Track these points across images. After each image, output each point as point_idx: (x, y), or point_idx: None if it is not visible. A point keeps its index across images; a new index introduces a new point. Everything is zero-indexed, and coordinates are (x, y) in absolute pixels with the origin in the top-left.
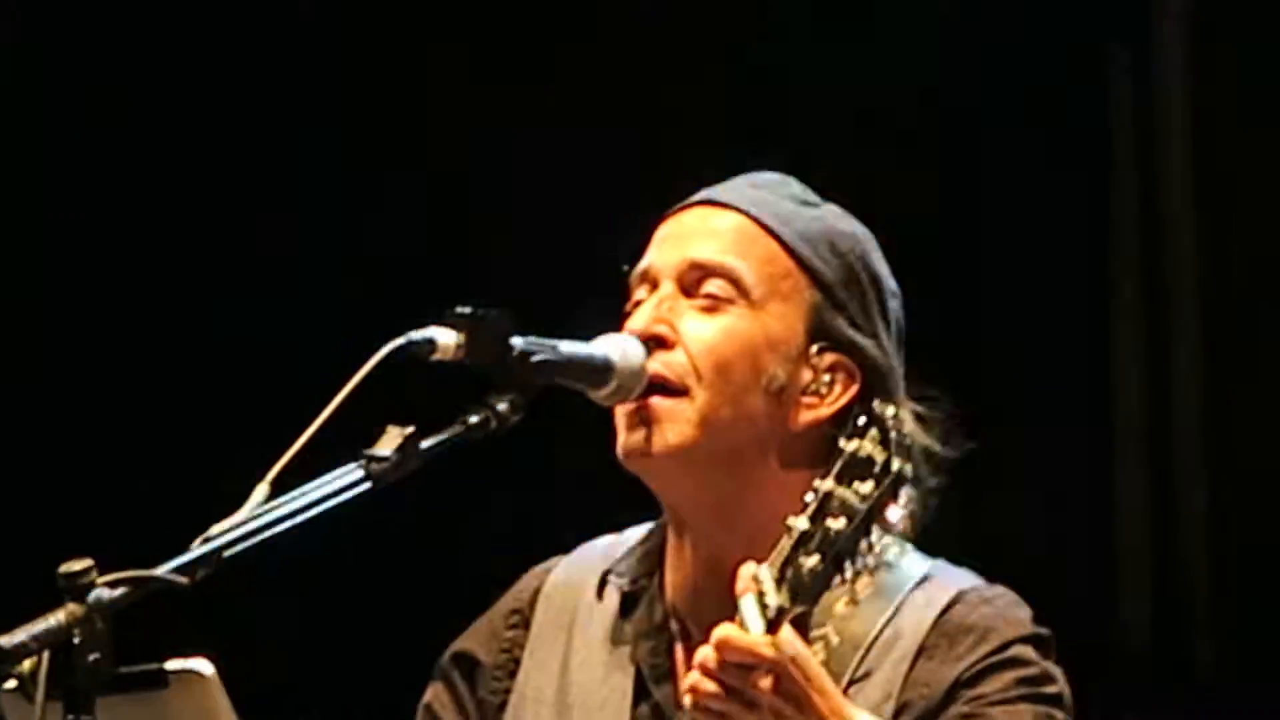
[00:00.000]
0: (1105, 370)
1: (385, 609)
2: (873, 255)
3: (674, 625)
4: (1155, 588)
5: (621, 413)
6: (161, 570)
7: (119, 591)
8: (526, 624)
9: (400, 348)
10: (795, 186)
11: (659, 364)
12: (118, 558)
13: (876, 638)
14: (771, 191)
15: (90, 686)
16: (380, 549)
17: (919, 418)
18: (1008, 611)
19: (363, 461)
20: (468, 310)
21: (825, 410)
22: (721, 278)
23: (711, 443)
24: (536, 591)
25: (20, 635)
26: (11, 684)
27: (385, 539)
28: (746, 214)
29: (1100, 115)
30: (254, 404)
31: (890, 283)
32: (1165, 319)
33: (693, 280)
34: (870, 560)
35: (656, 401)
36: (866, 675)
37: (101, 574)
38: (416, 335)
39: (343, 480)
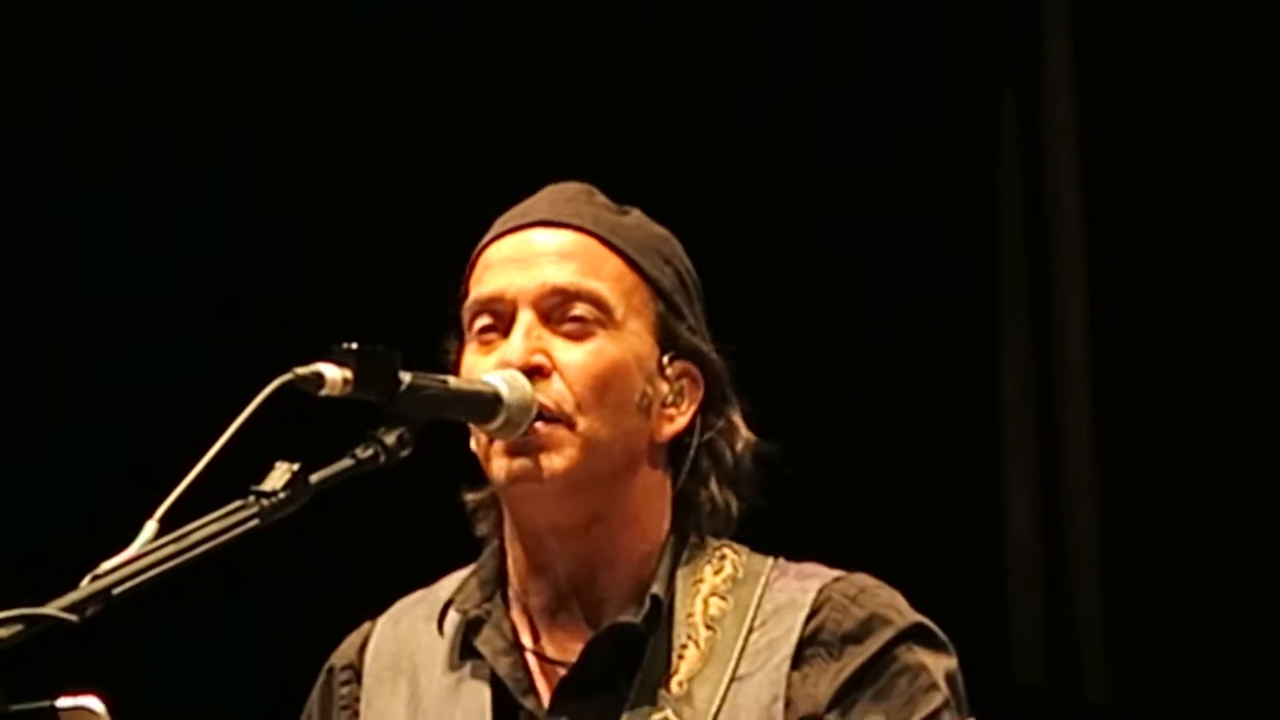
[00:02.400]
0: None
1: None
2: (681, 252)
3: (526, 642)
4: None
5: (500, 442)
6: (50, 608)
7: (8, 630)
8: (359, 677)
9: (287, 383)
10: (599, 195)
11: (540, 394)
12: (5, 595)
13: (747, 637)
14: (590, 203)
15: None
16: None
17: (743, 415)
18: (879, 608)
19: (251, 498)
20: (354, 346)
21: (682, 420)
22: (585, 301)
23: (594, 465)
24: (363, 646)
25: None
26: None
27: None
28: (588, 232)
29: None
30: (140, 440)
31: (690, 268)
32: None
33: (553, 306)
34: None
35: (542, 428)
36: (747, 675)
37: None
38: (303, 370)
39: (232, 517)
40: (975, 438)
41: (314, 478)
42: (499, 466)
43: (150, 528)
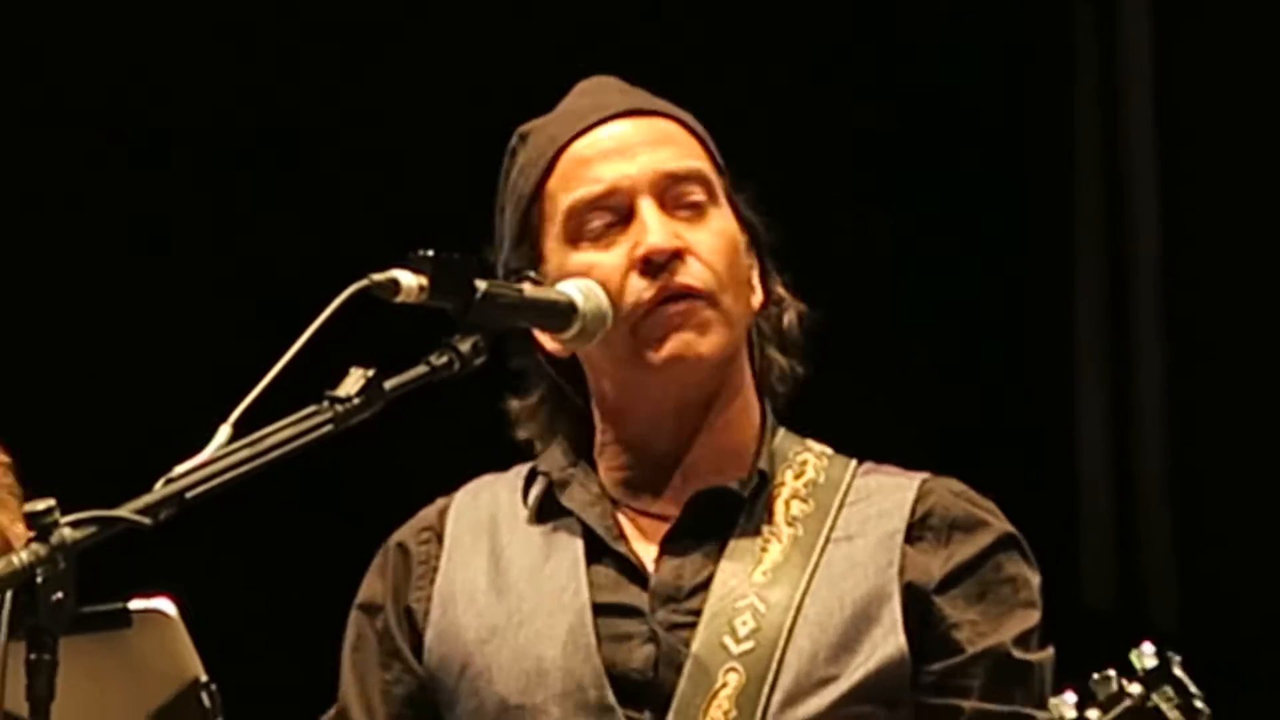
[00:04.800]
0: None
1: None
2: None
3: (618, 498)
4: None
5: (660, 317)
6: (125, 510)
7: (82, 531)
8: (439, 538)
9: (362, 289)
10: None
11: (688, 277)
12: (81, 497)
13: (844, 501)
14: (644, 91)
15: (53, 626)
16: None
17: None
18: (981, 508)
19: (326, 403)
20: (431, 253)
21: (760, 292)
22: (695, 182)
23: (733, 341)
24: (443, 510)
25: None
26: None
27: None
28: (668, 116)
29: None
30: (217, 345)
31: None
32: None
33: (667, 189)
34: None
35: (694, 308)
36: (849, 537)
37: (65, 513)
38: (379, 277)
39: (306, 422)
40: (1049, 357)
41: (389, 384)
42: (668, 345)
43: (224, 432)
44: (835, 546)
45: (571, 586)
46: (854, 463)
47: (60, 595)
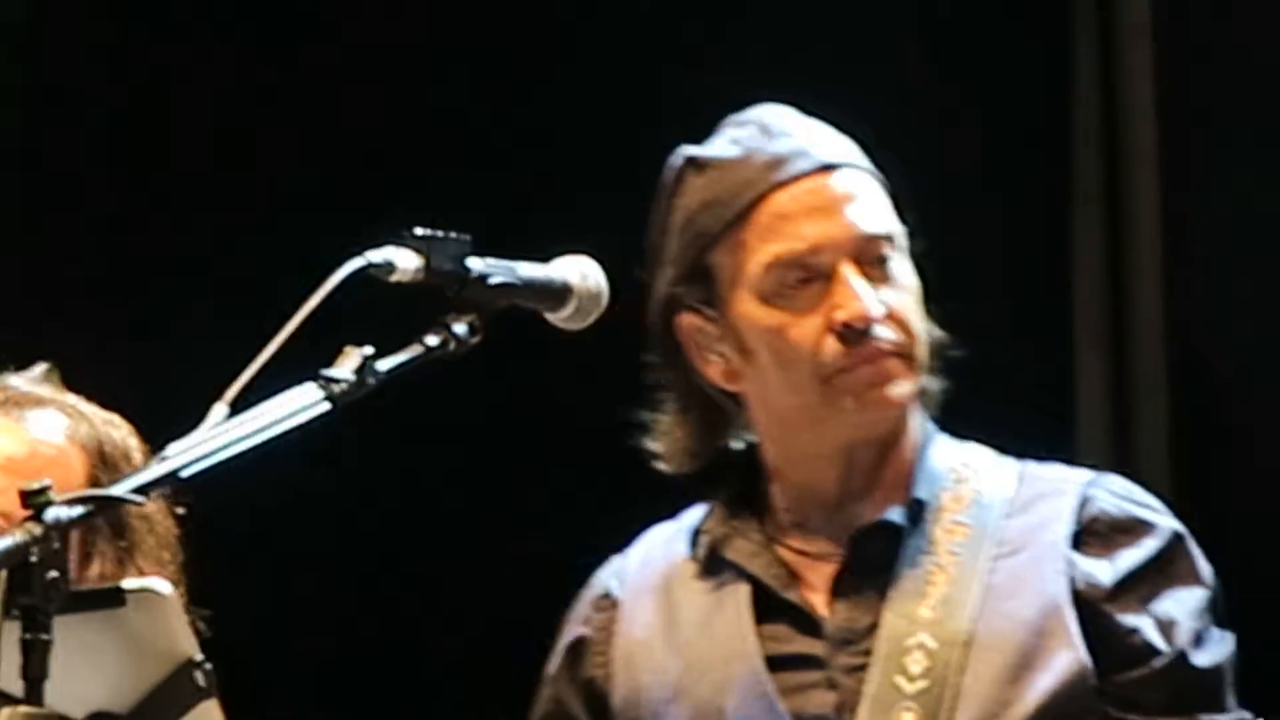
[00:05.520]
0: None
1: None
2: None
3: (780, 547)
4: None
5: (857, 376)
6: (119, 489)
7: (77, 511)
8: (615, 604)
9: (359, 269)
10: (790, 111)
11: (884, 340)
12: None
13: (1006, 514)
14: (819, 130)
15: (47, 605)
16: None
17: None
18: (1147, 508)
19: (320, 382)
20: (426, 232)
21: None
22: (888, 242)
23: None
24: (616, 575)
25: None
26: None
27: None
28: (858, 167)
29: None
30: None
31: None
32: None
33: (863, 250)
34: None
35: (891, 365)
36: (1015, 551)
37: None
38: (375, 256)
39: (300, 401)
40: (1047, 328)
41: (383, 364)
42: (854, 407)
43: (219, 410)
44: (1000, 564)
45: (742, 637)
46: (1015, 467)
47: (55, 574)
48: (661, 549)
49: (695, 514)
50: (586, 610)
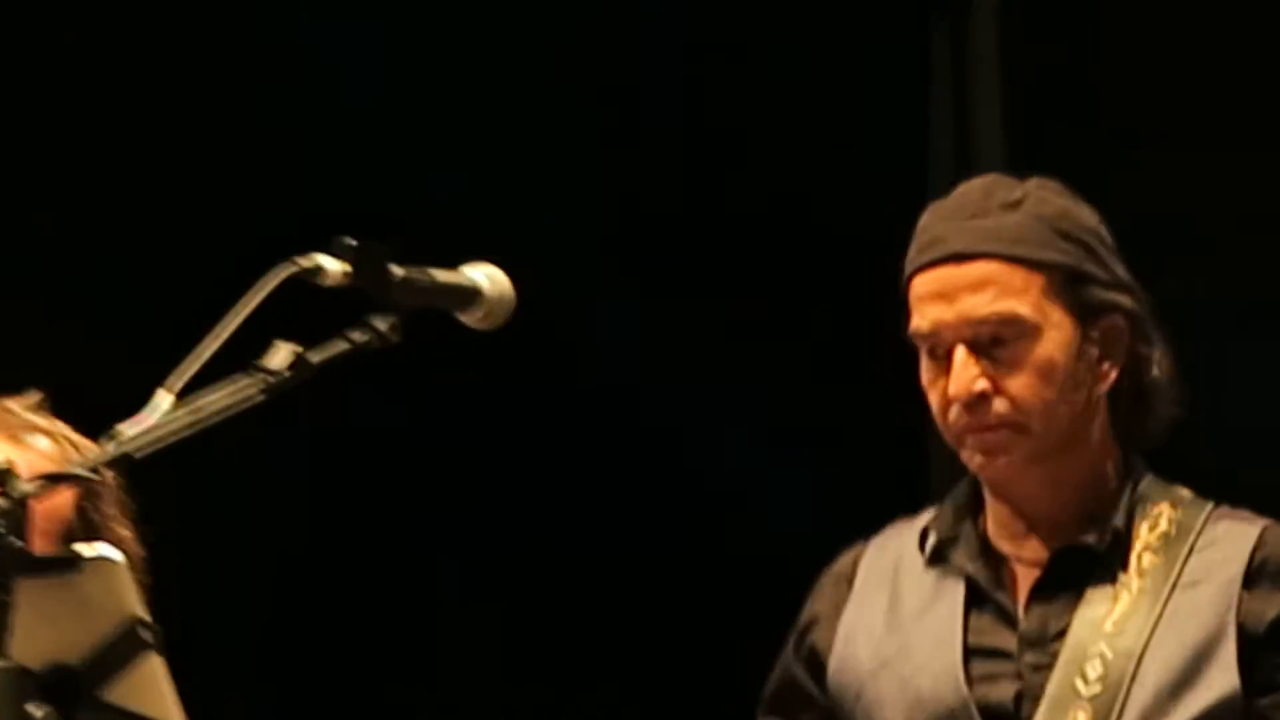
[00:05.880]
0: None
1: None
2: (1080, 214)
3: (993, 550)
4: None
5: (967, 442)
6: (75, 467)
7: (37, 484)
8: (850, 584)
9: (291, 273)
10: (999, 193)
11: (990, 415)
12: None
13: (1193, 547)
14: (988, 214)
15: (9, 568)
16: None
17: (1157, 328)
18: None
19: (255, 374)
20: (352, 241)
21: (1115, 370)
22: (1006, 324)
23: (1045, 449)
24: (856, 560)
25: None
26: None
27: None
28: (992, 256)
29: None
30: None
31: (1098, 226)
32: None
33: (980, 334)
34: (1153, 519)
35: (996, 437)
36: (1194, 583)
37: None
38: (305, 262)
39: (239, 392)
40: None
41: (313, 358)
42: (967, 458)
43: (165, 396)
44: (1181, 593)
45: (950, 628)
46: (1209, 507)
47: (17, 543)
48: (896, 540)
49: (928, 514)
50: (827, 588)
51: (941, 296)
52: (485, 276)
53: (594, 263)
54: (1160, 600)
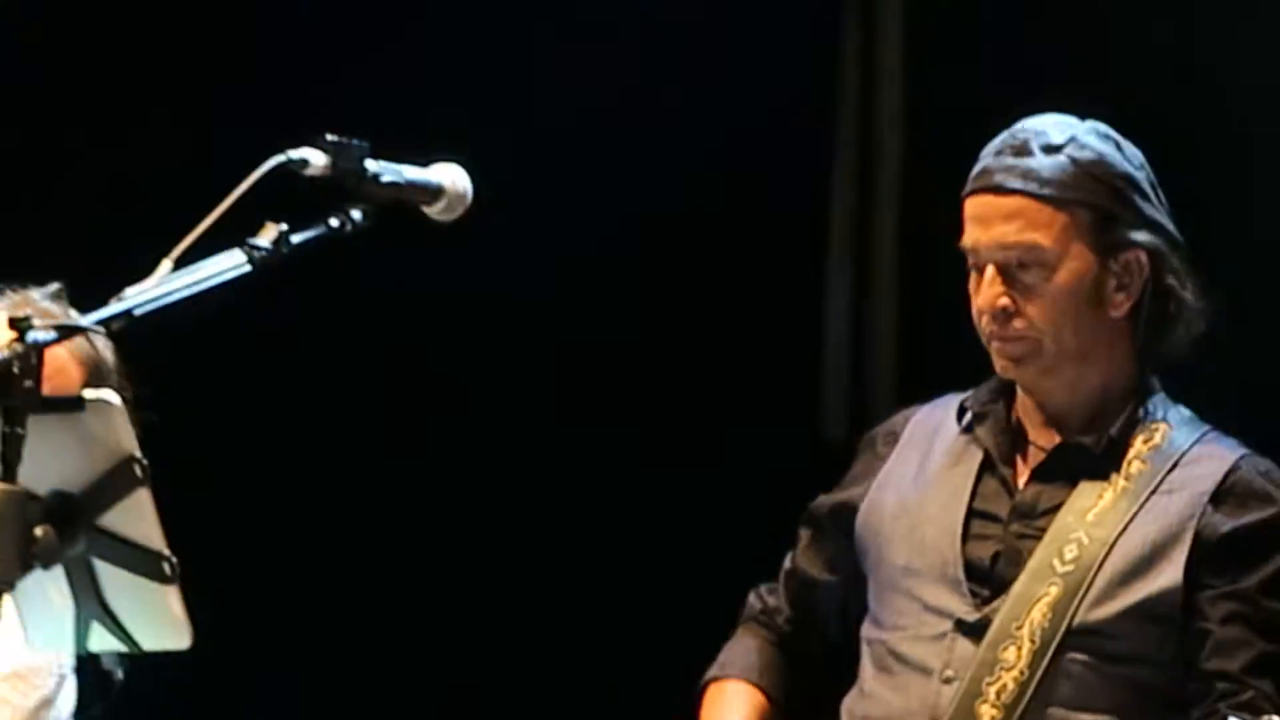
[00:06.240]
0: None
1: None
2: (1115, 160)
3: (1018, 427)
4: None
5: (993, 347)
6: (85, 320)
7: (50, 334)
8: (896, 440)
9: (280, 163)
10: (1051, 134)
11: (1009, 329)
12: None
13: (1177, 462)
14: (1034, 156)
15: (22, 405)
16: None
17: (1188, 260)
18: (1277, 490)
19: (245, 248)
20: (334, 138)
21: (1131, 299)
22: (1028, 252)
23: (1061, 361)
24: (907, 419)
25: None
26: None
27: None
28: (1024, 193)
29: None
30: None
31: (1134, 171)
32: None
33: (1007, 258)
34: (1149, 432)
35: (1018, 349)
36: (1170, 492)
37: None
38: (294, 154)
39: (229, 262)
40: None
41: (295, 237)
42: (995, 361)
43: (166, 265)
44: (1157, 497)
45: (962, 489)
46: (1203, 430)
47: (29, 383)
48: (942, 408)
49: (971, 391)
50: (878, 441)
51: (980, 221)
52: (448, 175)
53: None
54: (1138, 501)
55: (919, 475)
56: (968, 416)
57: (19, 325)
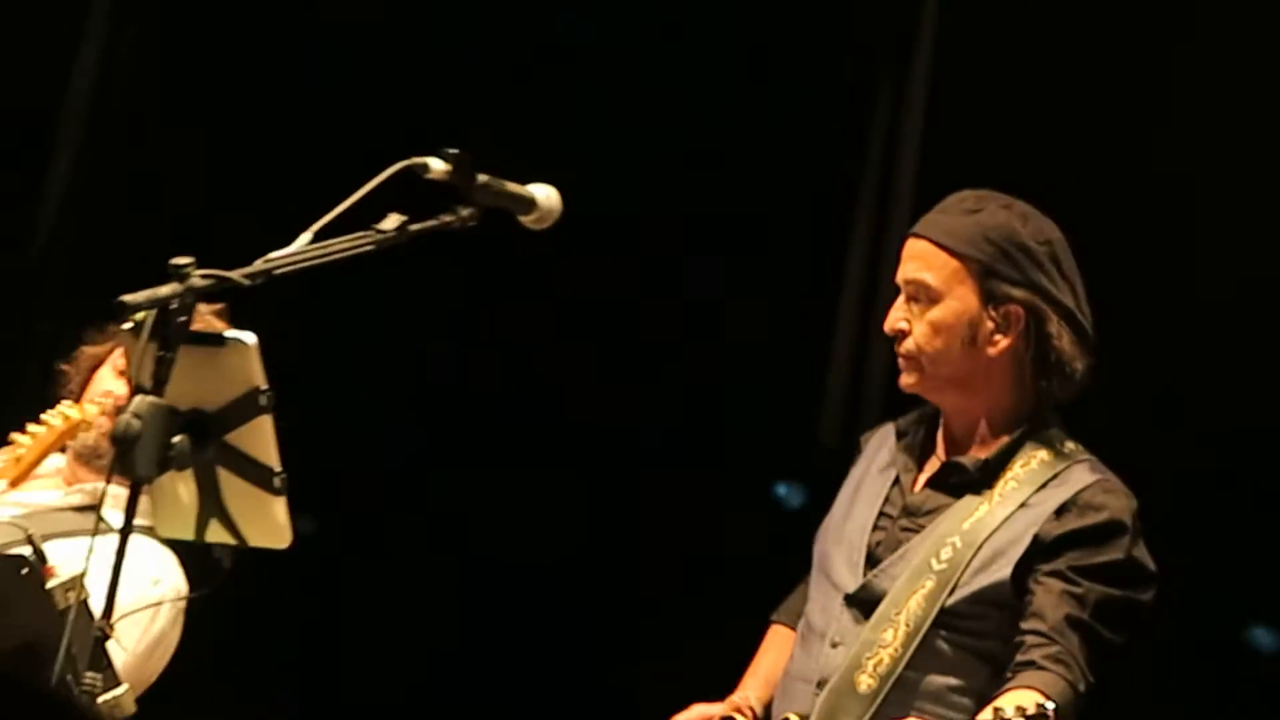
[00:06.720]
0: None
1: None
2: (1014, 231)
3: (927, 444)
4: None
5: (900, 364)
6: (235, 274)
7: (205, 281)
8: (860, 452)
9: (408, 165)
10: (975, 203)
11: (901, 347)
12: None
13: (1045, 484)
14: (954, 213)
15: (176, 336)
16: None
17: (1069, 319)
18: (1119, 502)
19: (370, 231)
20: (454, 150)
21: (1006, 342)
22: (920, 286)
23: (935, 380)
24: (870, 436)
25: (140, 296)
26: (129, 325)
27: None
28: (930, 239)
29: None
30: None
31: (1034, 244)
32: None
33: (909, 290)
34: (1026, 458)
35: (903, 364)
36: (1032, 507)
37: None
38: (419, 160)
39: (358, 240)
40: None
41: (413, 226)
42: (901, 380)
43: (306, 236)
44: (1022, 511)
45: (879, 494)
46: (1080, 458)
47: (184, 319)
48: (893, 429)
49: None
50: (856, 458)
51: (903, 257)
52: (543, 191)
53: None
54: (1006, 515)
55: (861, 482)
56: (895, 433)
57: (179, 270)
